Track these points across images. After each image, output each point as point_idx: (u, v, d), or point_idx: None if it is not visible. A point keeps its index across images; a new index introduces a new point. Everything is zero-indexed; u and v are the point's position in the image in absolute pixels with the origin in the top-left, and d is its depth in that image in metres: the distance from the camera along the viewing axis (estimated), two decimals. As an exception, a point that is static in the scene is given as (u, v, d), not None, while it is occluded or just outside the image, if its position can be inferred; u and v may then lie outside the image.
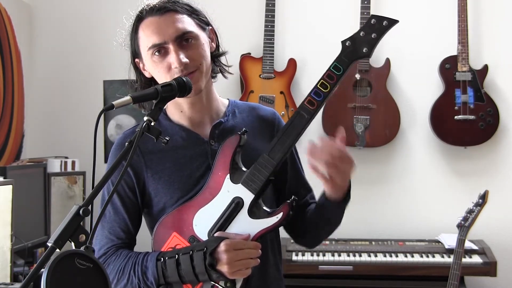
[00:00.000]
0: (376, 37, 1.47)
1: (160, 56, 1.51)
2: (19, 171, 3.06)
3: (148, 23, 1.53)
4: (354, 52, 1.48)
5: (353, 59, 1.48)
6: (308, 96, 1.48)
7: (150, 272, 1.47)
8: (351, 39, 1.48)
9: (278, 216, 1.46)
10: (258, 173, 1.47)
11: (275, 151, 1.48)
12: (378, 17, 1.47)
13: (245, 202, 1.48)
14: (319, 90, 1.47)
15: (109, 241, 1.57)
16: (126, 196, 1.58)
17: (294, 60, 3.66)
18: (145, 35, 1.52)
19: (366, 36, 1.47)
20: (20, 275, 2.82)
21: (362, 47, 1.47)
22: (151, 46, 1.51)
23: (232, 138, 1.52)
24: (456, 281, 2.77)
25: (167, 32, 1.50)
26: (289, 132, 1.49)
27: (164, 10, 1.52)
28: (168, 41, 1.50)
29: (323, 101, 1.48)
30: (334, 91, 1.49)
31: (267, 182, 1.48)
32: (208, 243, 1.44)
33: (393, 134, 3.58)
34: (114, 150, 1.60)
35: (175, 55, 1.49)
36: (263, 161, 1.48)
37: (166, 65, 1.50)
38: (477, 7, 3.63)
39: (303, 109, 1.48)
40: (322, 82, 1.48)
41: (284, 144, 1.48)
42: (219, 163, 1.52)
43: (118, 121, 3.81)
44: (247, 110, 1.68)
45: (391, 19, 1.47)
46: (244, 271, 1.43)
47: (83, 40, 3.85)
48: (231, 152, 1.51)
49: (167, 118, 1.62)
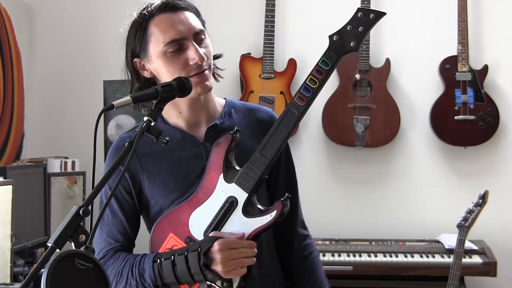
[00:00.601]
0: (363, 30, 1.45)
1: (175, 53, 1.50)
2: (19, 171, 3.06)
3: (162, 19, 1.51)
4: (342, 47, 1.46)
5: (340, 53, 1.47)
6: (298, 92, 1.47)
7: (147, 273, 1.47)
8: (338, 34, 1.47)
9: (272, 214, 1.46)
10: (251, 172, 1.47)
11: (267, 149, 1.48)
12: (364, 10, 1.47)
13: (239, 201, 1.48)
14: (308, 86, 1.47)
15: (107, 244, 1.57)
16: (123, 199, 1.58)
17: (294, 60, 3.66)
18: (160, 30, 1.50)
19: (353, 30, 1.46)
20: (20, 275, 2.81)
21: (350, 41, 1.46)
22: (169, 42, 1.49)
23: (224, 137, 1.52)
24: (456, 281, 2.77)
25: (185, 27, 1.50)
26: (280, 130, 1.48)
27: (177, 8, 1.52)
28: (187, 36, 1.50)
29: (313, 97, 1.46)
30: (323, 86, 1.47)
31: (260, 180, 1.47)
32: (202, 243, 1.44)
33: (393, 134, 3.58)
34: (111, 153, 1.60)
35: (196, 50, 1.48)
36: (255, 160, 1.48)
37: (183, 61, 1.49)
38: (477, 7, 3.63)
39: (293, 105, 1.47)
40: (311, 78, 1.47)
41: (275, 142, 1.48)
42: (212, 163, 1.52)
43: (118, 121, 3.81)
44: (244, 111, 1.67)
45: (378, 12, 1.46)
46: (239, 270, 1.43)
47: (83, 40, 3.85)
48: (224, 151, 1.50)
49: (163, 121, 1.61)
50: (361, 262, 3.22)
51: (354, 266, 3.21)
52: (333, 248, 3.34)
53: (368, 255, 3.27)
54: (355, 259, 3.24)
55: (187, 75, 1.47)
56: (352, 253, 3.29)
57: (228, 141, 1.51)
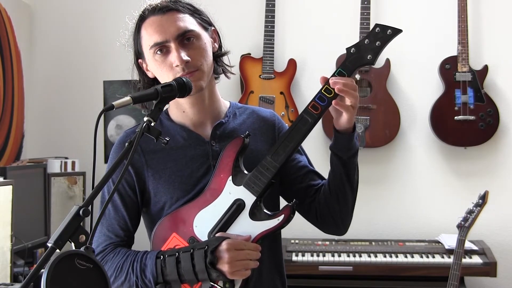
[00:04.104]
0: (380, 45, 1.52)
1: (162, 55, 1.51)
2: (19, 172, 3.06)
3: (150, 22, 1.53)
4: (359, 59, 1.51)
5: (357, 65, 1.52)
6: (312, 101, 1.49)
7: (149, 269, 1.47)
8: (356, 46, 1.52)
9: (279, 218, 1.47)
10: (260, 176, 1.49)
11: (278, 154, 1.49)
12: (382, 26, 1.52)
13: (247, 204, 1.49)
14: (323, 95, 1.49)
15: (107, 239, 1.57)
16: (126, 194, 1.58)
17: (294, 60, 3.66)
18: (147, 34, 1.53)
19: (370, 44, 1.51)
20: (20, 276, 2.82)
21: (367, 54, 1.51)
22: (152, 45, 1.51)
23: (235, 140, 1.53)
24: (456, 281, 2.77)
25: (168, 30, 1.50)
26: (292, 136, 1.50)
27: (166, 9, 1.53)
28: (169, 39, 1.50)
29: (327, 106, 1.49)
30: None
31: (269, 184, 1.49)
32: (210, 242, 1.45)
33: (393, 135, 3.58)
34: (116, 148, 1.61)
35: (176, 53, 1.49)
36: (265, 164, 1.49)
37: (169, 64, 1.51)
38: (477, 7, 3.63)
39: (307, 113, 1.49)
40: (327, 88, 1.49)
41: (287, 147, 1.50)
42: (222, 165, 1.53)
43: (118, 121, 3.81)
44: (247, 112, 1.69)
45: (395, 29, 1.52)
46: (243, 272, 1.44)
47: (83, 40, 3.85)
48: (234, 154, 1.52)
49: (169, 119, 1.63)
50: (361, 263, 3.22)
51: (354, 266, 3.21)
52: (333, 248, 3.34)
53: (368, 256, 3.27)
54: (355, 259, 3.24)
55: (174, 77, 1.47)
56: (352, 253, 3.29)
57: (239, 145, 1.52)
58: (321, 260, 3.23)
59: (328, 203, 1.59)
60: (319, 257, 3.25)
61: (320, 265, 3.21)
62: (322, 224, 1.65)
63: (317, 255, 3.26)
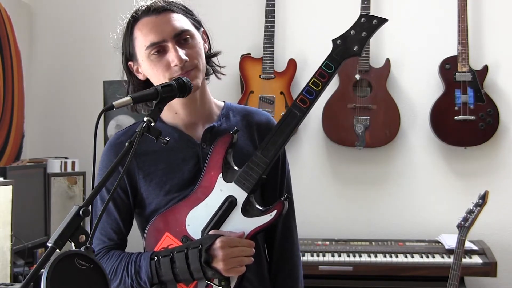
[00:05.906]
0: (366, 35, 1.50)
1: (158, 56, 1.51)
2: (19, 172, 3.06)
3: (145, 23, 1.52)
4: (345, 51, 1.50)
5: (344, 57, 1.51)
6: (300, 94, 1.50)
7: (144, 271, 1.47)
8: (342, 38, 1.51)
9: (272, 214, 1.47)
10: (251, 172, 1.48)
11: (268, 149, 1.49)
12: (368, 16, 1.51)
13: (238, 200, 1.48)
14: (311, 89, 1.50)
15: (100, 242, 1.57)
16: (118, 197, 1.58)
17: (294, 60, 3.66)
18: (142, 34, 1.52)
19: (356, 35, 1.50)
20: (20, 276, 2.81)
21: (353, 46, 1.50)
22: (149, 45, 1.50)
23: (223, 137, 1.52)
24: (456, 281, 2.77)
25: (165, 30, 1.50)
26: (282, 130, 1.50)
27: (161, 10, 1.52)
28: (166, 39, 1.50)
29: (315, 100, 1.49)
30: (325, 89, 1.50)
31: (260, 180, 1.49)
32: (203, 241, 1.44)
33: (393, 135, 3.58)
34: (106, 151, 1.59)
35: (175, 52, 1.48)
36: (256, 160, 1.49)
37: (165, 63, 1.50)
38: (477, 7, 3.63)
39: (295, 107, 1.50)
40: (314, 81, 1.50)
41: (277, 142, 1.50)
42: (211, 163, 1.52)
43: (118, 121, 3.81)
44: (242, 113, 1.67)
45: (380, 18, 1.50)
46: (239, 269, 1.44)
47: (83, 40, 3.85)
48: (223, 151, 1.51)
49: (160, 120, 1.61)
50: (361, 262, 3.22)
51: (354, 266, 3.21)
52: (333, 248, 3.34)
53: (368, 256, 3.27)
54: (355, 259, 3.24)
55: (170, 77, 1.47)
56: (352, 253, 3.29)
57: (227, 141, 1.52)
58: (321, 260, 3.23)
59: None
60: (319, 257, 3.25)
61: (320, 265, 3.21)
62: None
63: (317, 255, 3.26)
